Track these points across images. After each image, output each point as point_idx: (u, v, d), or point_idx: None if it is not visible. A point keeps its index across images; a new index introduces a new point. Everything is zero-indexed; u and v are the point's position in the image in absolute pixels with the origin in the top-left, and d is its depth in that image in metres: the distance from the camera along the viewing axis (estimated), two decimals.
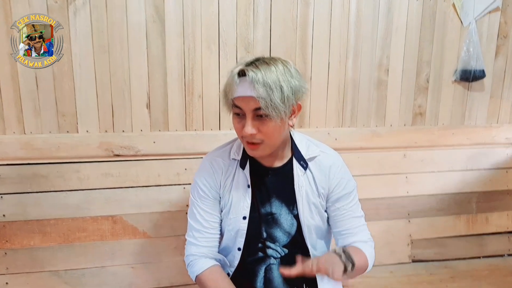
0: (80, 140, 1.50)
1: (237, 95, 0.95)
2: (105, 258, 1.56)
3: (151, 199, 1.58)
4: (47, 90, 1.46)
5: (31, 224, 1.50)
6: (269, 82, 0.91)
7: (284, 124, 0.98)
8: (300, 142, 1.11)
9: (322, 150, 1.12)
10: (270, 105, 0.91)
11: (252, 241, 1.10)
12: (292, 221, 1.09)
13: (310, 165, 1.09)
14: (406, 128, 1.80)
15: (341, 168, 1.10)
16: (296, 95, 0.97)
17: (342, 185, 1.09)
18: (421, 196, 1.84)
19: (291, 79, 0.95)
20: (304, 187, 1.08)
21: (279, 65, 0.95)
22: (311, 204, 1.09)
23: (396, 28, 1.72)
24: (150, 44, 1.51)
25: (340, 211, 1.10)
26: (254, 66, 0.94)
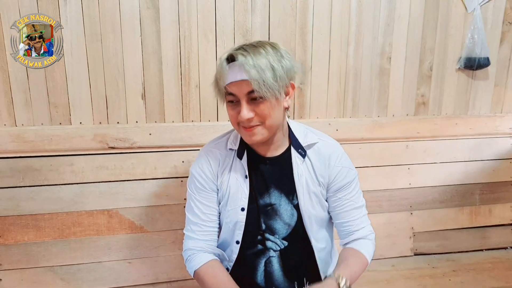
0: (73, 132, 1.45)
1: (229, 81, 0.94)
2: (101, 253, 1.53)
3: (147, 193, 1.54)
4: (38, 80, 1.41)
5: (25, 219, 1.46)
6: (260, 63, 0.90)
7: (279, 105, 0.98)
8: (297, 130, 1.09)
9: (320, 138, 1.10)
10: (264, 85, 0.91)
11: (251, 233, 1.08)
12: (292, 211, 1.07)
13: (309, 153, 1.07)
14: (408, 118, 1.76)
15: (341, 157, 1.08)
16: (288, 74, 0.96)
17: (343, 174, 1.07)
18: (424, 188, 1.80)
19: (281, 59, 0.94)
20: (304, 176, 1.06)
21: (268, 47, 0.94)
22: (312, 193, 1.06)
23: (399, 15, 1.66)
24: (144, 32, 1.45)
25: (341, 201, 1.08)
26: (243, 49, 0.93)
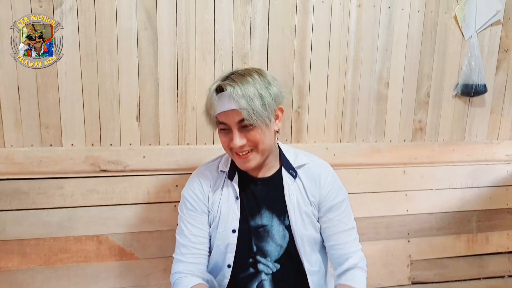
0: (64, 154, 1.40)
1: (219, 111, 0.97)
2: (89, 282, 1.46)
3: (139, 218, 1.48)
4: (29, 100, 1.36)
5: (10, 244, 1.39)
6: (248, 92, 0.93)
7: (270, 129, 1.00)
8: (287, 151, 1.12)
9: (310, 158, 1.12)
10: (253, 113, 0.93)
11: (243, 256, 1.06)
12: (284, 232, 1.06)
13: (300, 173, 1.09)
14: (406, 143, 1.75)
15: (331, 177, 1.10)
16: (276, 99, 1.00)
17: (334, 194, 1.08)
18: (421, 214, 1.78)
19: (268, 86, 0.97)
20: (295, 195, 1.06)
21: (255, 75, 0.97)
22: (303, 213, 1.06)
23: (397, 40, 1.67)
24: (141, 52, 1.42)
25: (332, 223, 1.08)
26: (230, 80, 0.96)
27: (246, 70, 1.00)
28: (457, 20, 1.71)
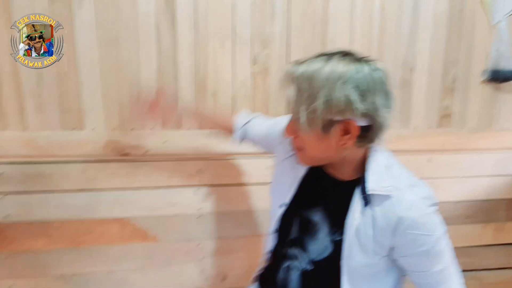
0: (86, 138, 1.43)
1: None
2: (113, 263, 1.49)
3: (161, 201, 1.50)
4: (50, 85, 1.39)
5: (35, 226, 1.43)
6: (301, 80, 0.79)
7: (324, 141, 0.82)
8: (374, 167, 0.86)
9: (399, 189, 0.83)
10: (295, 110, 0.81)
11: (285, 233, 1.00)
12: (329, 244, 0.91)
13: (374, 203, 0.84)
14: (431, 130, 1.70)
15: (418, 224, 0.81)
16: (336, 108, 0.77)
17: (417, 243, 0.82)
18: (447, 203, 1.73)
19: (333, 86, 0.76)
20: (356, 222, 0.86)
21: (332, 61, 0.78)
22: (361, 245, 0.87)
23: (423, 25, 1.61)
24: (161, 37, 1.43)
25: (413, 267, 0.87)
26: (309, 60, 0.81)
27: (329, 57, 0.80)
28: (485, 4, 1.65)
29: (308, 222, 0.96)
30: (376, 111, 0.78)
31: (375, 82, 0.78)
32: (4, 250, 1.42)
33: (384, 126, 0.81)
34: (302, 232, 0.97)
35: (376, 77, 0.78)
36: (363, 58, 0.81)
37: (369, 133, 0.81)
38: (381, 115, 0.79)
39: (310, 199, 0.96)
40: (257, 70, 1.51)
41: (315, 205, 0.95)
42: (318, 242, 0.94)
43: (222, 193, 1.55)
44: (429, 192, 0.86)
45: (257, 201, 1.57)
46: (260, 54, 1.50)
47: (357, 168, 0.88)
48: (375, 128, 0.81)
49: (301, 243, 0.97)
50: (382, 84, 0.80)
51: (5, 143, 1.38)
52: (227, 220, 1.56)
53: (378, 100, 0.78)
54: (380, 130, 0.82)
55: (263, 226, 1.59)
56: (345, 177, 0.90)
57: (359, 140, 0.82)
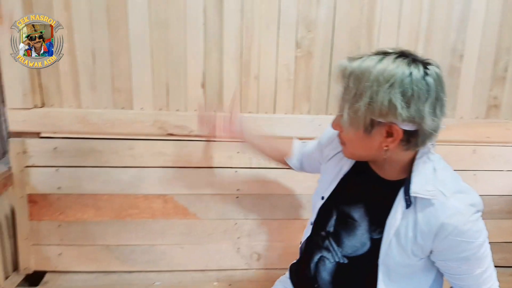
0: (134, 117, 1.48)
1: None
2: (155, 236, 1.56)
3: (202, 181, 1.55)
4: (103, 65, 1.45)
5: (85, 198, 1.52)
6: (350, 78, 0.77)
7: (365, 140, 0.81)
8: (421, 170, 0.84)
9: (445, 194, 0.81)
10: (341, 105, 0.81)
11: (322, 224, 1.01)
12: (367, 242, 0.91)
13: (417, 206, 0.83)
14: (478, 121, 1.64)
15: (460, 231, 0.79)
16: (378, 111, 0.75)
17: (456, 250, 0.82)
18: (490, 196, 1.68)
19: (383, 87, 0.74)
20: (397, 223, 0.85)
21: (391, 66, 0.75)
22: (400, 245, 0.86)
23: (475, 10, 1.54)
24: (208, 20, 1.45)
25: (451, 270, 0.87)
26: (363, 57, 0.79)
27: (384, 56, 0.78)
28: None
29: (347, 217, 0.96)
30: (422, 118, 0.75)
31: (425, 89, 0.75)
32: (56, 220, 1.52)
33: (431, 133, 0.79)
34: (339, 226, 0.97)
35: (427, 83, 0.75)
36: (419, 60, 0.78)
37: (415, 138, 0.79)
38: (428, 123, 0.76)
39: (351, 195, 0.96)
40: (300, 54, 1.51)
41: (356, 202, 0.95)
42: (355, 238, 0.93)
43: (260, 175, 1.58)
44: (476, 199, 0.83)
45: (294, 185, 1.59)
46: (304, 38, 1.49)
47: (403, 169, 0.87)
48: (421, 134, 0.78)
49: (337, 237, 0.97)
50: (432, 91, 0.76)
51: (60, 120, 1.46)
52: (264, 202, 1.60)
53: (424, 107, 0.75)
54: (426, 136, 0.79)
55: (298, 211, 1.61)
56: (389, 176, 0.89)
57: (403, 143, 0.80)
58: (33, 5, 1.38)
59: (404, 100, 0.74)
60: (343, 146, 0.91)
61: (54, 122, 1.46)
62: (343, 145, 0.90)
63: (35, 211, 1.51)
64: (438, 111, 0.77)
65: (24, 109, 1.44)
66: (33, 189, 1.50)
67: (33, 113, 1.45)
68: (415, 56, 0.79)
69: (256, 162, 1.56)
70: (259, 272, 1.63)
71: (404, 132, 0.77)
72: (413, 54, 0.79)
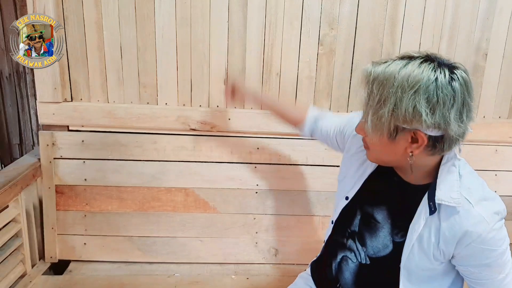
0: (159, 112, 1.52)
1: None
2: (176, 229, 1.60)
3: (223, 175, 1.58)
4: (130, 60, 1.49)
5: (110, 190, 1.56)
6: (374, 84, 0.77)
7: (390, 146, 0.81)
8: (446, 175, 0.83)
9: (470, 201, 0.80)
10: (365, 111, 0.81)
11: (345, 224, 1.01)
12: (389, 244, 0.92)
13: (441, 212, 0.83)
14: (501, 120, 1.63)
15: (483, 239, 0.79)
16: (403, 118, 0.75)
17: (478, 257, 0.82)
18: (510, 197, 1.66)
19: (408, 94, 0.73)
20: (420, 228, 0.85)
21: (416, 71, 0.74)
22: (422, 250, 0.86)
23: (500, 8, 1.52)
24: (232, 17, 1.47)
25: (472, 275, 0.86)
26: (388, 61, 0.78)
27: (416, 61, 0.76)
28: None
29: (370, 218, 0.96)
30: (448, 124, 0.74)
31: (450, 95, 0.73)
32: (81, 210, 1.57)
33: (457, 138, 0.78)
34: (363, 227, 0.97)
35: (453, 89, 0.74)
36: (445, 65, 0.76)
37: (441, 144, 0.78)
38: (453, 128, 0.74)
39: (375, 196, 0.96)
40: (322, 51, 1.52)
41: (379, 203, 0.95)
42: (378, 239, 0.94)
43: (279, 171, 1.60)
44: (500, 206, 0.82)
45: (312, 182, 1.61)
46: (326, 35, 1.50)
47: (428, 174, 0.86)
48: (447, 139, 0.77)
49: (361, 237, 0.97)
50: (458, 97, 0.74)
51: (88, 114, 1.51)
52: (283, 198, 1.62)
53: (450, 114, 0.74)
54: (453, 141, 0.78)
55: (317, 207, 1.63)
56: (414, 181, 0.88)
57: (428, 149, 0.79)
58: (63, 2, 1.43)
59: (429, 106, 0.73)
60: (367, 150, 0.90)
61: (82, 116, 1.51)
62: (367, 149, 0.90)
63: (62, 201, 1.56)
64: (464, 116, 0.76)
65: (54, 103, 1.49)
66: (61, 180, 1.55)
67: (62, 107, 1.50)
68: (441, 60, 0.77)
69: (276, 158, 1.58)
70: (276, 267, 1.65)
71: (430, 137, 0.77)
72: (439, 57, 0.78)
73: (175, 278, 1.55)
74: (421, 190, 0.86)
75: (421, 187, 0.87)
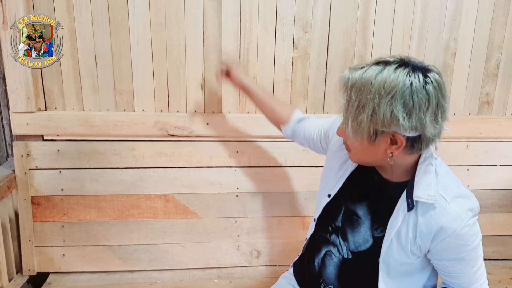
0: (136, 119, 1.51)
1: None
2: (157, 236, 1.59)
3: (202, 180, 1.58)
4: (105, 67, 1.47)
5: (88, 199, 1.54)
6: (352, 90, 0.81)
7: (370, 148, 0.84)
8: (423, 174, 0.87)
9: (445, 198, 0.85)
10: (345, 117, 0.84)
11: (328, 219, 1.05)
12: (369, 239, 0.96)
13: (418, 209, 0.87)
14: (471, 117, 1.69)
15: (457, 235, 0.84)
16: (381, 122, 0.78)
17: (452, 251, 0.87)
18: (483, 190, 1.72)
19: (385, 99, 0.77)
20: (398, 224, 0.89)
21: (392, 76, 0.77)
22: (400, 245, 0.91)
23: (467, 9, 1.58)
24: (207, 22, 1.48)
25: (445, 268, 0.92)
26: (364, 67, 0.82)
27: (405, 64, 0.79)
28: None
29: (352, 214, 1.00)
30: (424, 126, 0.78)
31: (425, 98, 0.77)
32: (59, 221, 1.54)
33: (434, 137, 0.82)
34: (345, 222, 1.01)
35: (427, 92, 0.77)
36: (419, 68, 0.79)
37: (418, 143, 0.82)
38: (429, 129, 0.78)
39: (356, 193, 1.00)
40: (297, 54, 1.54)
41: (360, 200, 0.99)
42: (359, 234, 0.98)
43: (259, 174, 1.61)
44: (474, 204, 0.87)
45: (292, 183, 1.63)
46: (301, 39, 1.53)
47: (406, 172, 0.90)
48: (424, 139, 0.81)
49: (343, 232, 1.01)
50: (433, 100, 0.78)
51: (63, 122, 1.48)
52: (263, 200, 1.63)
53: (426, 116, 0.77)
54: (429, 141, 0.82)
55: (297, 208, 1.65)
56: (393, 178, 0.92)
57: (407, 149, 0.83)
58: (35, 9, 1.40)
59: (405, 111, 0.77)
60: (349, 152, 0.93)
61: (57, 125, 1.48)
62: (349, 151, 0.93)
63: (38, 213, 1.53)
64: (439, 117, 0.80)
65: (28, 113, 1.46)
66: (37, 191, 1.52)
67: (36, 116, 1.47)
68: (415, 64, 0.80)
69: (255, 161, 1.60)
70: (259, 269, 1.66)
71: (408, 138, 0.81)
72: (413, 61, 0.81)
73: (157, 285, 1.54)
74: (400, 187, 0.91)
75: (400, 184, 0.91)
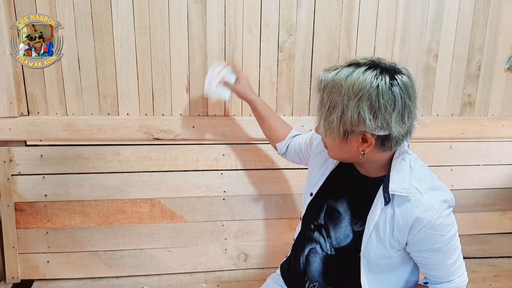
0: (120, 123, 1.49)
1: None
2: (143, 241, 1.57)
3: (189, 184, 1.57)
4: (89, 71, 1.46)
5: (72, 205, 1.52)
6: (324, 91, 0.85)
7: (343, 145, 0.88)
8: (398, 169, 0.90)
9: (420, 191, 0.88)
10: (318, 116, 0.89)
11: (312, 217, 1.08)
12: (349, 234, 1.00)
13: (395, 202, 0.90)
14: (453, 118, 1.71)
15: (432, 225, 0.86)
16: (350, 123, 0.82)
17: (428, 242, 0.89)
18: (466, 190, 1.75)
19: (352, 101, 0.81)
20: (377, 218, 0.92)
21: (361, 78, 0.81)
22: (379, 239, 0.93)
23: (448, 11, 1.61)
24: (191, 25, 1.47)
25: (423, 260, 0.95)
26: (337, 69, 0.85)
27: (377, 67, 0.83)
28: None
29: (333, 211, 1.03)
30: (390, 127, 0.82)
31: (391, 100, 0.80)
32: (43, 227, 1.52)
33: (404, 136, 0.86)
34: (327, 219, 1.04)
35: (393, 94, 0.80)
36: (387, 70, 0.82)
37: (389, 142, 0.86)
38: (396, 130, 0.82)
39: (337, 190, 1.03)
40: (282, 57, 1.55)
41: (340, 197, 1.02)
42: (340, 230, 1.01)
43: (246, 177, 1.61)
44: (448, 196, 0.90)
45: (279, 186, 1.63)
46: (286, 42, 1.54)
47: (382, 168, 0.94)
48: (393, 138, 0.85)
49: (326, 229, 1.04)
50: (398, 101, 0.81)
51: (46, 127, 1.46)
52: (250, 203, 1.63)
53: (391, 117, 0.81)
54: (399, 139, 0.86)
55: (284, 210, 1.65)
56: (370, 174, 0.96)
57: (378, 146, 0.87)
58: (17, 13, 1.38)
59: (371, 112, 0.81)
60: (327, 149, 0.97)
61: (40, 130, 1.46)
62: (327, 148, 0.97)
63: (22, 219, 1.50)
64: (406, 118, 0.83)
65: (10, 118, 1.43)
66: (20, 197, 1.49)
67: (19, 121, 1.44)
68: (385, 66, 0.83)
69: (242, 164, 1.60)
70: (247, 272, 1.66)
71: (378, 137, 0.85)
72: (383, 63, 0.84)
73: None
74: (378, 182, 0.94)
75: (378, 179, 0.94)
